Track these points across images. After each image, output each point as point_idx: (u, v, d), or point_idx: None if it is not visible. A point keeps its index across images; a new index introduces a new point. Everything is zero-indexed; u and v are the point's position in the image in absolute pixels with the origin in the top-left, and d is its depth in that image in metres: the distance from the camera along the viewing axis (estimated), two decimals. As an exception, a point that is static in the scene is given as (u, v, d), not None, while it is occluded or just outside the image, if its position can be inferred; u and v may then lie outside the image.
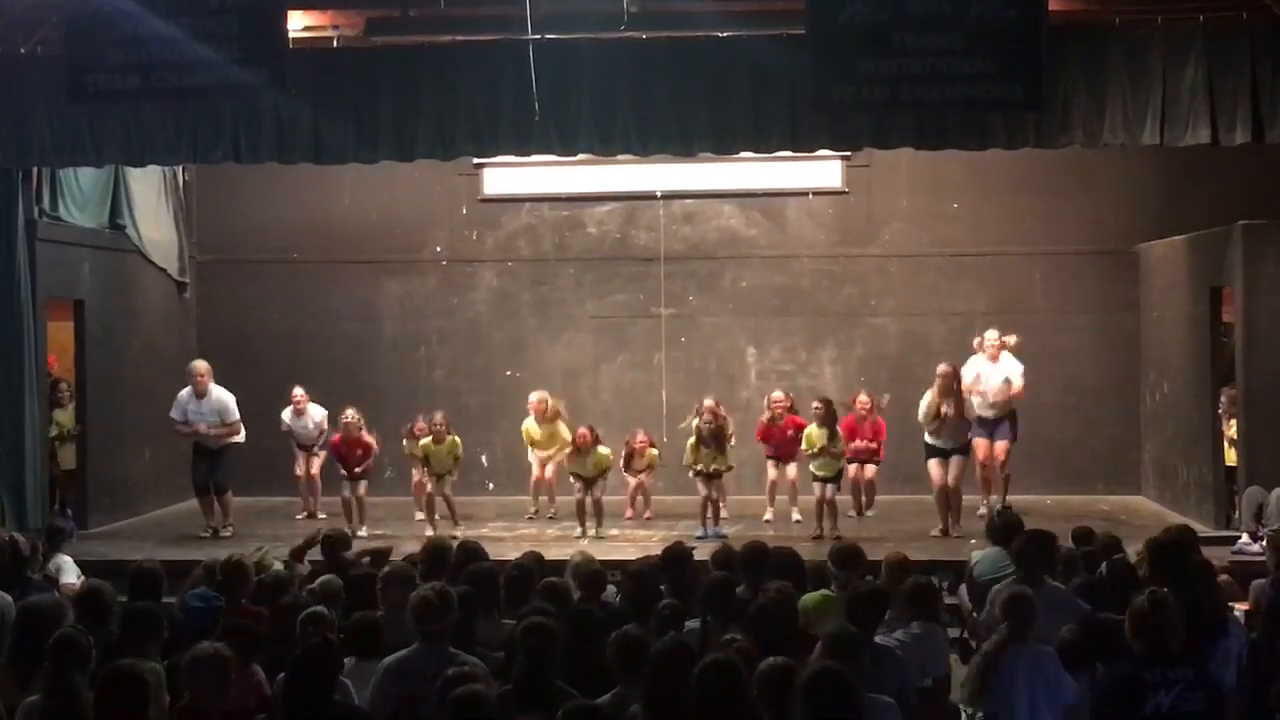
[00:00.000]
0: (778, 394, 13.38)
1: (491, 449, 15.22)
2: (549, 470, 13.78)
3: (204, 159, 12.57)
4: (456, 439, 13.14)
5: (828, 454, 12.61)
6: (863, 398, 13.12)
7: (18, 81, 12.25)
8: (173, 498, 14.92)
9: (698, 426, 12.84)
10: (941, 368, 12.84)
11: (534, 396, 13.84)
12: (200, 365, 13.41)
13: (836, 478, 12.72)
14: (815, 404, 12.83)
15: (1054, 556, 7.78)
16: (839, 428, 12.73)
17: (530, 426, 13.80)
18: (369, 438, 13.25)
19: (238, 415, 13.29)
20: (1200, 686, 6.29)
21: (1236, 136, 11.30)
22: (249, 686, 6.27)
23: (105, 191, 14.19)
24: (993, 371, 13.20)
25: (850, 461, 13.02)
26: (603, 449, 13.02)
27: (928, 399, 12.75)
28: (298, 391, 13.87)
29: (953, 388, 12.67)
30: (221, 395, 13.29)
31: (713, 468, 12.74)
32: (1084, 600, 7.40)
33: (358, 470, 13.12)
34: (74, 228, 13.71)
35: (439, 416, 13.12)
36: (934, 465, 12.76)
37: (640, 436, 13.71)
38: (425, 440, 13.08)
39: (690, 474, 12.92)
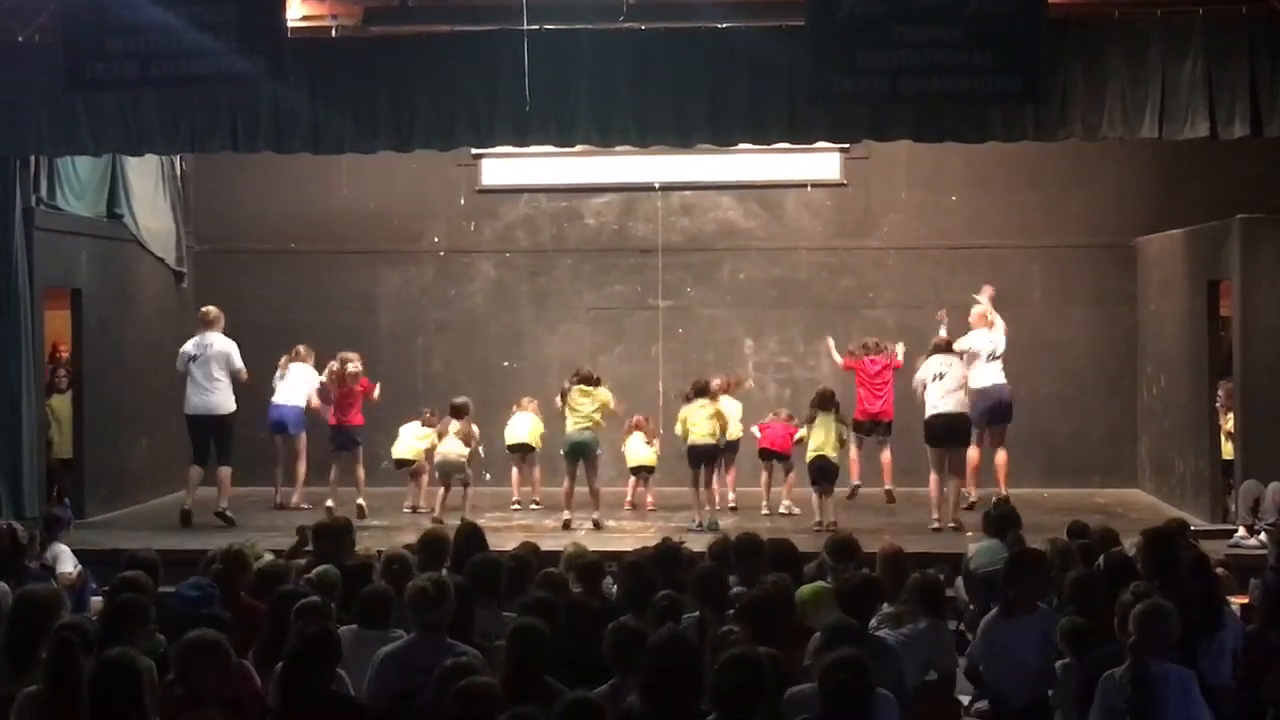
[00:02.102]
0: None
1: (489, 440, 15.18)
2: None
3: (202, 148, 12.55)
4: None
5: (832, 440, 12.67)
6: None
7: (15, 70, 12.22)
8: (170, 487, 14.89)
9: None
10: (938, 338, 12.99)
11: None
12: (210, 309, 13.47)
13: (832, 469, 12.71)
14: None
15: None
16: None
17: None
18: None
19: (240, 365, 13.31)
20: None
21: (1235, 130, 11.28)
22: (241, 676, 6.25)
23: (103, 181, 14.17)
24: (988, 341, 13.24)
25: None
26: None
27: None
28: (302, 349, 13.97)
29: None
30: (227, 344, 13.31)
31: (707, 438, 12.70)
32: (1082, 595, 7.34)
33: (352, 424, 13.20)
34: (71, 217, 13.69)
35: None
36: (934, 454, 12.67)
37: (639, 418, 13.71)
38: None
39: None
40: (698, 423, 12.73)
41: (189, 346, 13.25)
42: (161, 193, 15.16)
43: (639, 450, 13.53)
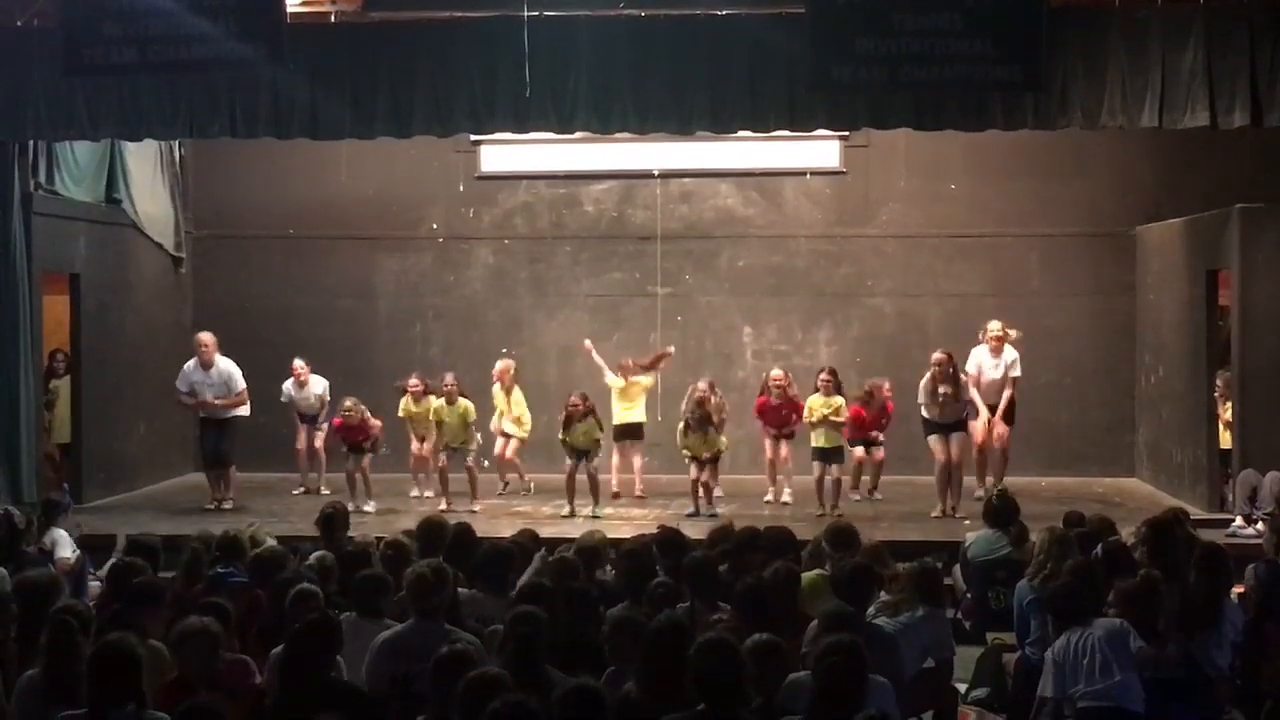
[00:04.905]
0: (777, 372, 13.34)
1: (486, 428, 15.22)
2: (510, 447, 13.81)
3: (200, 133, 12.52)
4: (469, 404, 13.08)
5: (828, 423, 12.55)
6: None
7: (14, 54, 12.19)
8: (168, 472, 14.94)
9: (685, 414, 12.70)
10: (936, 356, 12.78)
11: (500, 364, 13.83)
12: (206, 336, 13.47)
13: (839, 453, 12.68)
14: (823, 375, 12.79)
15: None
16: (846, 406, 12.74)
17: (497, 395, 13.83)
18: (372, 421, 13.22)
19: (244, 385, 13.34)
20: (1183, 663, 6.42)
21: (1235, 119, 11.27)
22: (239, 669, 6.24)
23: (101, 165, 14.16)
24: (993, 365, 13.11)
25: (854, 444, 13.07)
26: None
27: (924, 384, 12.73)
28: (298, 363, 13.87)
29: (949, 373, 12.63)
30: (228, 366, 13.36)
31: (703, 455, 12.57)
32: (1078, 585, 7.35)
33: (362, 440, 13.10)
34: (70, 201, 13.68)
35: (450, 378, 13.06)
36: (935, 441, 12.67)
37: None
38: (437, 403, 13.03)
39: (684, 458, 12.86)
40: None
41: (183, 383, 13.30)
42: (160, 178, 15.14)
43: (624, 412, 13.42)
